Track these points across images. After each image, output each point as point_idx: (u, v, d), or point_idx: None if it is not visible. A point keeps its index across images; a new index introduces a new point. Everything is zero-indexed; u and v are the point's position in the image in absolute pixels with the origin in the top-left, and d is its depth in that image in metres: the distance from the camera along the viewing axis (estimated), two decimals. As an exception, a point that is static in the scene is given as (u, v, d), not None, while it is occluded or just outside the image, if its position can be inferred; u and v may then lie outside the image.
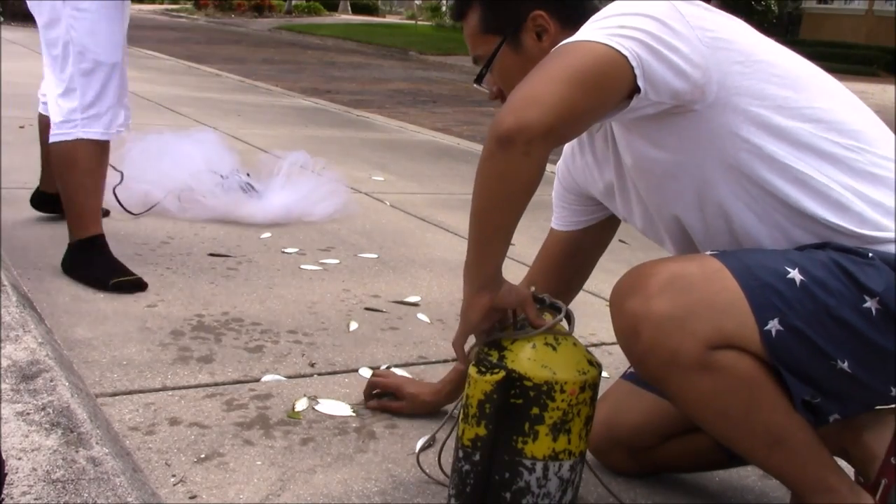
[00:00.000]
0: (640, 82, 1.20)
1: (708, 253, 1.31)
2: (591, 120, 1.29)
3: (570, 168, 1.64)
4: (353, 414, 1.79)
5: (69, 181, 2.39)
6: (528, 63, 1.33)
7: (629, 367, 1.64)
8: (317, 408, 1.79)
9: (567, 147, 1.63)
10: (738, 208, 1.32)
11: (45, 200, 2.92)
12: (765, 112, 1.27)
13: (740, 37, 1.29)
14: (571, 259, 1.73)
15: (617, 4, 1.28)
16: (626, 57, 1.19)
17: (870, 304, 1.22)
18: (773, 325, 1.21)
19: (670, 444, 1.60)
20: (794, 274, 1.22)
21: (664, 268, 1.26)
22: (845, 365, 1.24)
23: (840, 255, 1.25)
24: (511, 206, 1.27)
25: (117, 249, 2.68)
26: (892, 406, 1.38)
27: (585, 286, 2.97)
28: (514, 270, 1.34)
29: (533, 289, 1.41)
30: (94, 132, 2.34)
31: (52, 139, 2.37)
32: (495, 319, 1.40)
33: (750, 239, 1.34)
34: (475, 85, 1.51)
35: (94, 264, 2.38)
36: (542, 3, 1.44)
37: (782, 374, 1.23)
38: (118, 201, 3.04)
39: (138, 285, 2.35)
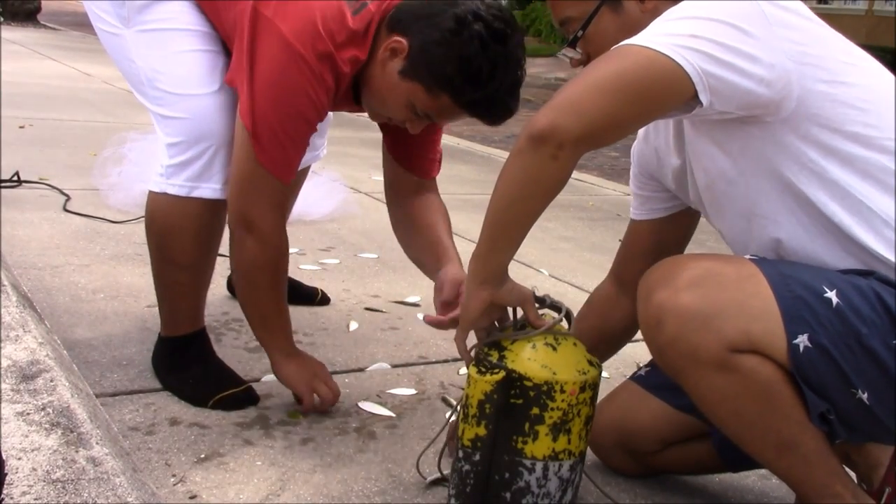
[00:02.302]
0: (702, 97, 1.17)
1: (747, 257, 1.29)
2: (636, 127, 1.24)
3: (644, 151, 1.59)
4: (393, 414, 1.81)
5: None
6: (627, 27, 1.29)
7: (638, 370, 1.64)
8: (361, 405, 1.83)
9: (642, 130, 1.58)
10: (789, 224, 1.30)
11: None
12: (839, 136, 1.23)
13: (831, 52, 1.23)
14: (657, 253, 1.57)
15: (697, 3, 1.21)
16: (687, 72, 1.15)
17: None
18: (802, 341, 1.19)
19: (672, 449, 1.59)
20: (831, 295, 1.20)
21: (698, 263, 1.25)
22: (865, 396, 1.22)
23: (882, 286, 1.22)
24: (530, 204, 1.26)
25: (116, 249, 2.69)
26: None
27: (586, 286, 2.97)
28: (514, 270, 1.33)
29: (534, 288, 1.41)
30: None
31: None
32: (495, 317, 1.40)
33: (795, 256, 1.31)
34: (564, 50, 1.42)
35: (190, 373, 1.80)
36: None
37: (802, 388, 1.22)
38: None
39: (248, 399, 1.78)
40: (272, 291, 1.69)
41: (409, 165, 1.84)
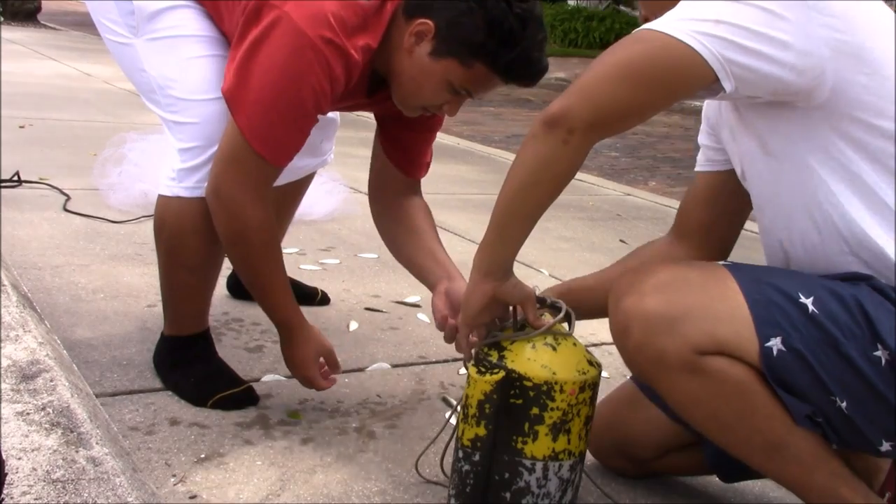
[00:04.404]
0: (724, 84, 1.14)
1: (720, 263, 1.29)
2: (654, 112, 1.24)
3: (711, 101, 1.54)
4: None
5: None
6: None
7: None
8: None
9: None
10: (802, 218, 1.27)
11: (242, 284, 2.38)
12: (873, 131, 1.19)
13: (878, 43, 1.18)
14: (713, 203, 1.56)
15: None
16: (705, 59, 1.13)
17: (881, 353, 1.17)
18: (775, 344, 1.17)
19: (670, 456, 1.59)
20: (807, 301, 1.18)
21: (665, 269, 1.25)
22: (843, 405, 1.19)
23: (872, 294, 1.19)
24: (540, 191, 1.25)
25: (116, 249, 2.69)
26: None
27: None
28: (516, 269, 1.34)
29: (535, 287, 1.41)
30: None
31: None
32: (496, 314, 1.39)
33: (801, 251, 1.29)
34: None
35: (192, 372, 1.81)
36: None
37: (778, 392, 1.19)
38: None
39: (248, 399, 1.79)
40: (251, 262, 1.64)
41: (400, 164, 1.87)
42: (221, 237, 1.64)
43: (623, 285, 1.26)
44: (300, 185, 2.23)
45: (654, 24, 1.17)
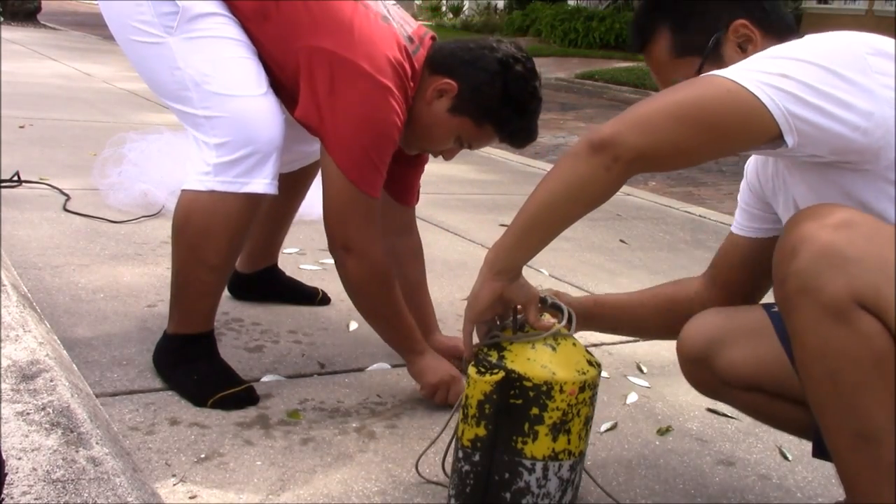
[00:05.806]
0: (787, 138, 1.14)
1: None
2: (707, 157, 1.22)
3: (759, 172, 1.54)
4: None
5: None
6: None
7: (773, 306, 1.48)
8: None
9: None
10: None
11: (242, 283, 2.39)
12: None
13: None
14: (745, 268, 1.58)
15: (795, 43, 1.20)
16: (769, 110, 1.13)
17: None
18: None
19: (755, 395, 1.46)
20: None
21: (857, 212, 1.17)
22: None
23: None
24: (570, 209, 1.25)
25: (116, 249, 2.69)
26: None
27: (586, 286, 2.98)
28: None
29: (539, 286, 1.41)
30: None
31: None
32: (499, 311, 1.40)
33: None
34: None
35: (195, 369, 1.81)
36: (742, 10, 1.35)
37: None
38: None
39: (248, 399, 1.79)
40: (386, 300, 1.81)
41: (394, 193, 2.01)
42: (361, 289, 1.80)
43: (808, 212, 1.19)
44: (306, 178, 2.30)
45: (722, 71, 1.17)
